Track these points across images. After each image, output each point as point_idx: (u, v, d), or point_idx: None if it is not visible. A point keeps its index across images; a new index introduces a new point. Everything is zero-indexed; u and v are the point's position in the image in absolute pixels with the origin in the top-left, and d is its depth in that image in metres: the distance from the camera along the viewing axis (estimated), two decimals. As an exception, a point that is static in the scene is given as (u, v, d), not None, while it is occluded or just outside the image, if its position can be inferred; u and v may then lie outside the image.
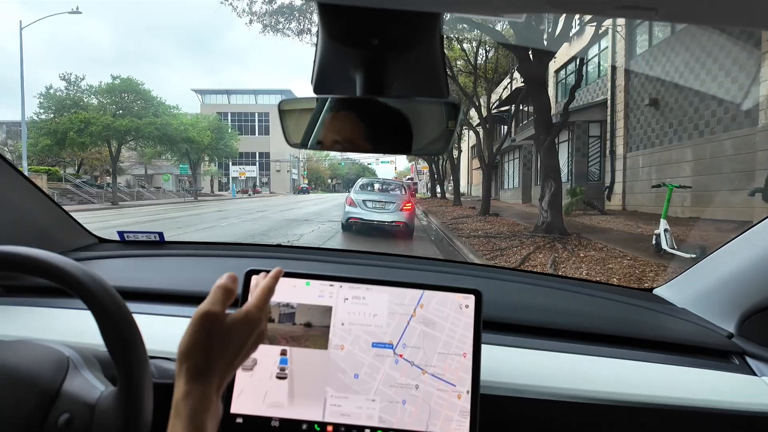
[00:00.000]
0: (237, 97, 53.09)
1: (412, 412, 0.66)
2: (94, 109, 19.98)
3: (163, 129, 20.29)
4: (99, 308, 0.49)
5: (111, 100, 20.34)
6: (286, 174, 53.02)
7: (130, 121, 19.35)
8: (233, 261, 1.18)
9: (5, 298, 0.93)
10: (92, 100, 20.52)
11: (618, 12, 0.32)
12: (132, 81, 20.51)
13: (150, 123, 19.61)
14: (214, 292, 0.51)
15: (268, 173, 51.50)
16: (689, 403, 0.74)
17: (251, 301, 0.53)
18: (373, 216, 7.91)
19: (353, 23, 0.45)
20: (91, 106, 20.21)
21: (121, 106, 20.26)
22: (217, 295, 0.50)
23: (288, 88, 52.21)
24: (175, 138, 21.30)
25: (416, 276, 1.09)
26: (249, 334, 0.52)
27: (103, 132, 18.91)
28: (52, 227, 1.11)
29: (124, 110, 20.25)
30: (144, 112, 20.61)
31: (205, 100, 52.23)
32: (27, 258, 0.49)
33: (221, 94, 52.84)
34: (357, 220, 7.96)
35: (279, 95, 52.95)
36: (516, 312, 0.93)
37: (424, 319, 0.70)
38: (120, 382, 0.51)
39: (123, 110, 20.23)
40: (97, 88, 20.26)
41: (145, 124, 19.47)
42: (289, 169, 53.30)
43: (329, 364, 0.68)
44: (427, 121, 0.53)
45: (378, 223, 7.91)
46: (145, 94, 21.01)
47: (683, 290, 1.02)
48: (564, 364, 0.79)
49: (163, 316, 0.87)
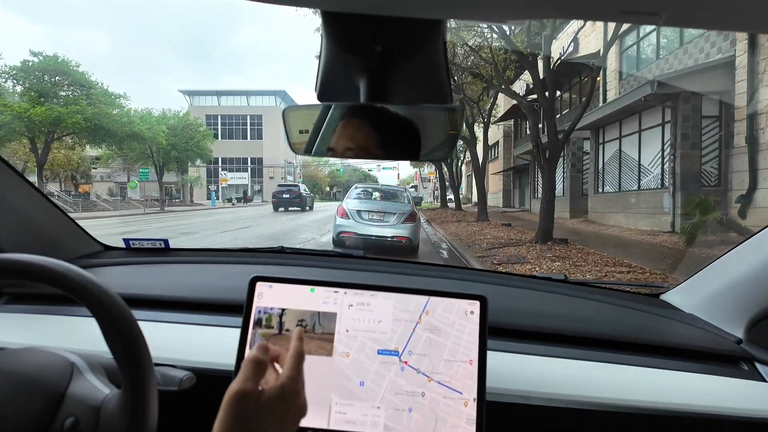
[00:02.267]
0: (228, 99, 49.10)
1: (418, 420, 0.66)
2: (10, 95, 15.39)
3: (96, 120, 15.54)
4: (104, 316, 0.49)
5: (30, 83, 15.69)
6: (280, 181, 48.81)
7: (48, 108, 14.67)
8: (238, 267, 1.15)
9: (12, 305, 0.94)
10: (8, 84, 15.90)
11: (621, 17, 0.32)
12: (57, 59, 15.88)
13: (75, 112, 14.89)
14: (245, 367, 0.48)
15: (261, 180, 47.25)
16: (698, 409, 0.73)
17: (285, 372, 0.50)
18: (370, 230, 6.54)
19: (357, 31, 0.45)
20: (6, 90, 15.61)
21: (42, 92, 15.58)
22: (248, 371, 0.48)
23: (283, 89, 48.35)
24: (115, 133, 16.54)
25: (420, 282, 1.09)
26: (287, 410, 0.48)
27: (14, 123, 14.26)
28: (58, 235, 1.11)
29: (46, 96, 15.58)
30: (76, 99, 15.96)
31: (194, 102, 48.30)
32: (33, 266, 0.49)
33: (211, 95, 48.78)
34: (350, 234, 6.57)
35: (273, 97, 49.50)
36: (522, 318, 0.90)
37: (430, 326, 0.69)
38: (125, 389, 0.50)
39: (46, 96, 15.57)
40: (9, 69, 15.61)
41: (68, 113, 14.75)
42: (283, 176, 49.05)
43: (334, 371, 0.68)
44: (432, 127, 0.54)
45: (376, 239, 6.48)
46: (77, 76, 16.37)
47: (691, 296, 1.00)
48: (571, 371, 0.79)
49: (168, 323, 0.85)
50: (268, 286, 0.71)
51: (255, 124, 47.41)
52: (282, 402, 0.47)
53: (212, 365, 0.76)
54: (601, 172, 12.01)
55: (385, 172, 48.55)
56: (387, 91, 0.50)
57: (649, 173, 9.95)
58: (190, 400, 0.70)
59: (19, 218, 0.98)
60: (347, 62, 0.49)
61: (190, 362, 0.75)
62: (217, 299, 0.92)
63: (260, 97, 48.74)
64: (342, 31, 0.45)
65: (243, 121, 47.56)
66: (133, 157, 22.58)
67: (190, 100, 47.68)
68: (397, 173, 50.42)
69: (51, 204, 1.05)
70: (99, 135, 16.41)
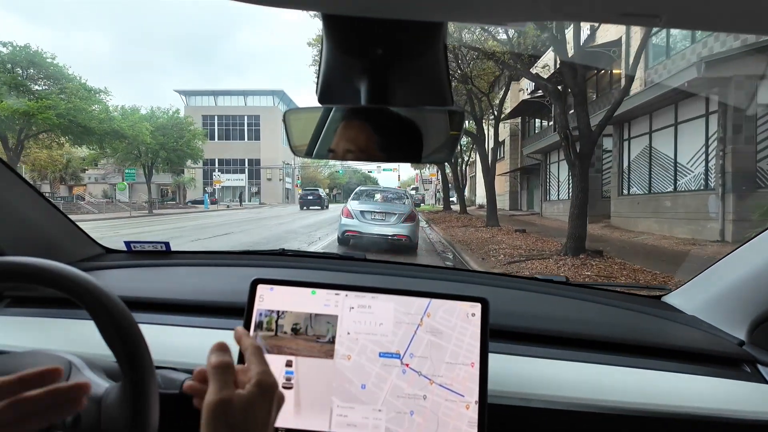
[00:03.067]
0: (225, 99, 47.94)
1: (420, 423, 0.65)
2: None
3: (70, 116, 14.29)
4: (105, 319, 0.49)
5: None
6: (278, 183, 47.55)
7: (17, 103, 13.44)
8: (239, 270, 1.14)
9: (14, 309, 0.93)
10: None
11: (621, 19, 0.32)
12: (29, 50, 14.66)
13: (46, 107, 13.64)
14: (215, 375, 0.47)
15: (258, 182, 46.08)
16: (699, 411, 0.73)
17: (255, 368, 0.49)
18: (373, 229, 7.08)
19: (358, 33, 0.46)
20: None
21: (14, 85, 14.33)
22: (220, 378, 0.46)
23: (281, 89, 47.16)
24: (93, 130, 15.28)
25: (421, 284, 1.07)
26: (270, 403, 0.48)
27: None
28: (59, 238, 1.10)
29: (17, 90, 14.34)
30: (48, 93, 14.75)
31: (190, 102, 47.21)
32: (35, 269, 0.49)
33: (207, 95, 47.58)
34: (354, 233, 7.15)
35: (271, 96, 48.39)
36: (523, 320, 0.90)
37: (432, 329, 0.69)
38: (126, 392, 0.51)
39: (16, 90, 14.33)
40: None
41: (38, 108, 13.51)
42: (281, 178, 47.85)
43: (335, 373, 0.67)
44: (432, 130, 0.54)
45: (378, 237, 7.04)
46: (51, 69, 15.16)
47: (692, 297, 1.00)
48: (572, 373, 0.78)
49: (169, 326, 0.85)
50: (268, 288, 0.70)
51: (252, 125, 46.26)
52: (263, 398, 0.47)
53: None
54: (626, 171, 10.71)
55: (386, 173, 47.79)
56: (388, 94, 0.50)
57: (689, 173, 8.64)
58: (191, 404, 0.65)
59: (21, 221, 0.98)
60: (348, 65, 0.49)
61: (191, 365, 0.72)
62: (218, 302, 0.92)
63: (258, 97, 47.55)
64: (343, 33, 0.46)
65: (240, 121, 46.44)
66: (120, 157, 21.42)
67: (186, 100, 46.56)
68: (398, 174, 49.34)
69: (52, 207, 1.05)
70: (75, 132, 15.15)
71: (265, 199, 43.88)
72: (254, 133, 46.15)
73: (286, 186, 49.29)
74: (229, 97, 47.40)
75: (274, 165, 44.82)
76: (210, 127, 46.74)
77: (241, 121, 46.36)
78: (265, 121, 45.62)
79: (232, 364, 0.48)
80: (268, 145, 44.99)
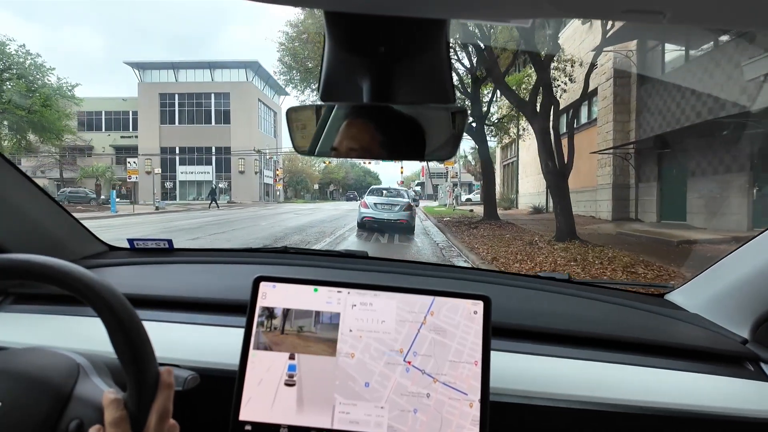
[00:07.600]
0: (188, 74, 38.23)
1: (423, 421, 0.66)
2: None
3: None
4: (109, 316, 0.50)
5: None
6: (253, 176, 37.81)
7: None
8: (242, 268, 1.16)
9: (18, 306, 0.94)
10: None
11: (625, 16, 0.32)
12: None
13: None
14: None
15: (228, 175, 36.60)
16: (702, 409, 0.73)
17: None
18: (383, 215, 10.14)
19: (360, 31, 0.46)
20: None
21: None
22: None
23: (255, 60, 37.37)
24: None
25: (423, 282, 1.09)
26: None
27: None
28: (63, 235, 1.12)
29: None
30: None
31: (145, 78, 37.72)
32: (39, 266, 0.49)
33: (166, 68, 37.89)
34: (370, 218, 10.19)
35: (243, 70, 38.70)
36: (526, 318, 0.91)
37: (435, 327, 0.69)
38: (129, 389, 0.51)
39: None
40: None
41: None
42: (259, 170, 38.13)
43: (338, 371, 0.68)
44: (435, 127, 0.55)
45: (386, 221, 10.02)
46: None
47: (695, 295, 1.00)
48: (574, 371, 0.79)
49: (172, 323, 0.87)
50: (271, 286, 0.71)
51: (221, 104, 36.98)
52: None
53: (216, 365, 0.76)
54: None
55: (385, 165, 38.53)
56: (390, 91, 0.50)
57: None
58: (195, 400, 0.69)
59: (25, 218, 0.99)
60: (350, 62, 0.50)
61: (194, 362, 0.75)
62: (221, 299, 0.93)
63: (227, 70, 37.92)
64: (345, 31, 0.46)
65: (206, 101, 37.25)
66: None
67: (140, 75, 37.19)
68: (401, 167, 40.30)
69: (56, 204, 1.06)
70: None
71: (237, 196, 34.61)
72: (223, 115, 36.99)
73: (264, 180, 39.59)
74: (192, 71, 37.89)
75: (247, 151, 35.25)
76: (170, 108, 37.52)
77: (208, 99, 37.16)
78: (236, 100, 36.26)
79: (126, 417, 0.49)
80: (240, 130, 35.69)
